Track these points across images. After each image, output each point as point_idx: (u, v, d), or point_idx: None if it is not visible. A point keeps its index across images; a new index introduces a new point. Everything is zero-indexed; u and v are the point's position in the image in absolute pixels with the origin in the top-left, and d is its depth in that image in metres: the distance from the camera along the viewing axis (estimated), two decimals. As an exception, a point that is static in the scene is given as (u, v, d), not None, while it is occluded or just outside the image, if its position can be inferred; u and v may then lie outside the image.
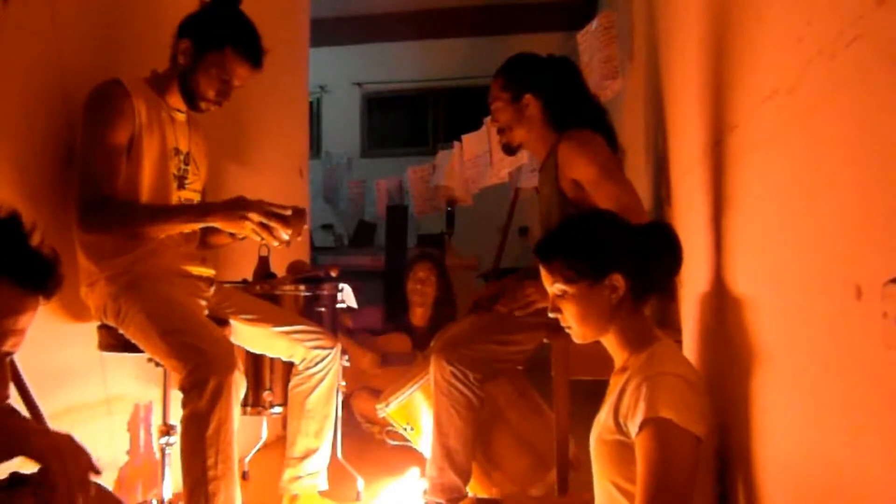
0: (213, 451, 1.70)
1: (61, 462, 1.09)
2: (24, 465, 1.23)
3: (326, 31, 5.65)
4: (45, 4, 1.86)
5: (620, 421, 1.29)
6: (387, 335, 3.59)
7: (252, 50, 1.95)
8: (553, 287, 1.39)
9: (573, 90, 2.13)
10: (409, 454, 2.64)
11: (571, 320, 1.38)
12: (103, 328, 1.93)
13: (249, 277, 2.47)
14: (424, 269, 3.58)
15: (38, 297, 1.04)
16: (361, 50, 6.90)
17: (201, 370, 1.69)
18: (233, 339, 2.01)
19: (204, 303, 2.01)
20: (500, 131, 2.18)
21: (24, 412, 1.51)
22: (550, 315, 1.42)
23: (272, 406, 2.27)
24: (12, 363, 1.47)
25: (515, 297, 1.97)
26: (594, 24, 3.36)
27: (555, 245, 1.40)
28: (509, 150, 2.22)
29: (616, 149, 2.08)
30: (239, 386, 1.75)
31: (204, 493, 1.69)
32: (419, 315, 3.58)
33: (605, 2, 5.16)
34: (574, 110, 2.08)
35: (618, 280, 1.34)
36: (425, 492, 2.06)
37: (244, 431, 1.94)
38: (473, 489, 2.12)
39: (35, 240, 1.03)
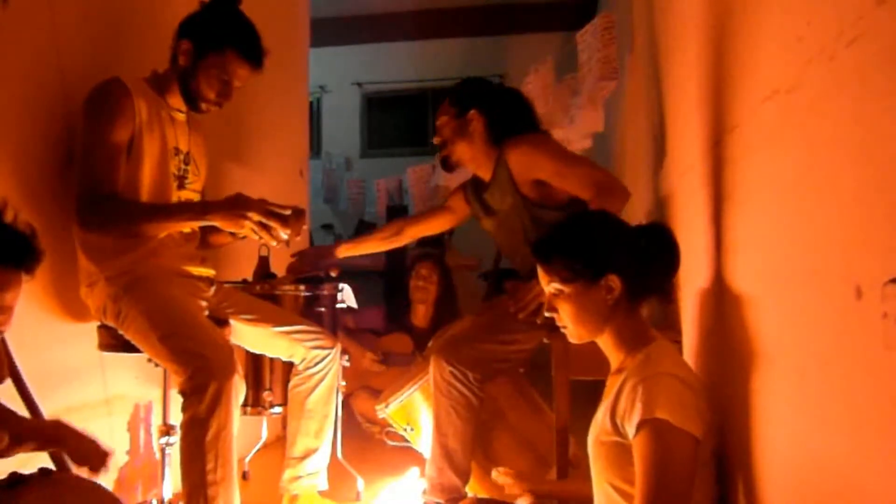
0: (212, 456, 1.69)
1: (77, 439, 1.27)
2: (24, 466, 1.23)
3: (326, 31, 5.65)
4: (45, 4, 1.86)
5: (617, 422, 1.29)
6: (388, 335, 3.61)
7: (252, 51, 1.95)
8: (549, 286, 1.39)
9: (518, 111, 2.18)
10: (409, 454, 2.64)
11: (567, 320, 1.38)
12: (103, 328, 1.93)
13: (249, 277, 2.47)
14: (427, 268, 3.60)
15: (19, 272, 1.04)
16: (361, 50, 6.90)
17: (201, 375, 1.69)
18: (233, 340, 2.01)
19: (204, 303, 2.01)
20: (442, 145, 2.21)
21: (24, 412, 1.51)
22: (546, 314, 1.42)
23: (272, 406, 2.27)
24: (12, 363, 1.47)
25: (525, 298, 1.89)
26: (593, 25, 3.38)
27: (551, 244, 1.40)
28: (447, 165, 2.24)
29: None
30: (239, 390, 1.74)
31: (203, 497, 1.69)
32: (421, 314, 3.59)
33: (605, 2, 5.16)
34: (517, 129, 2.11)
35: (614, 281, 1.34)
36: (424, 492, 2.06)
37: (244, 431, 1.93)
38: (473, 489, 2.12)
39: (7, 216, 1.02)
